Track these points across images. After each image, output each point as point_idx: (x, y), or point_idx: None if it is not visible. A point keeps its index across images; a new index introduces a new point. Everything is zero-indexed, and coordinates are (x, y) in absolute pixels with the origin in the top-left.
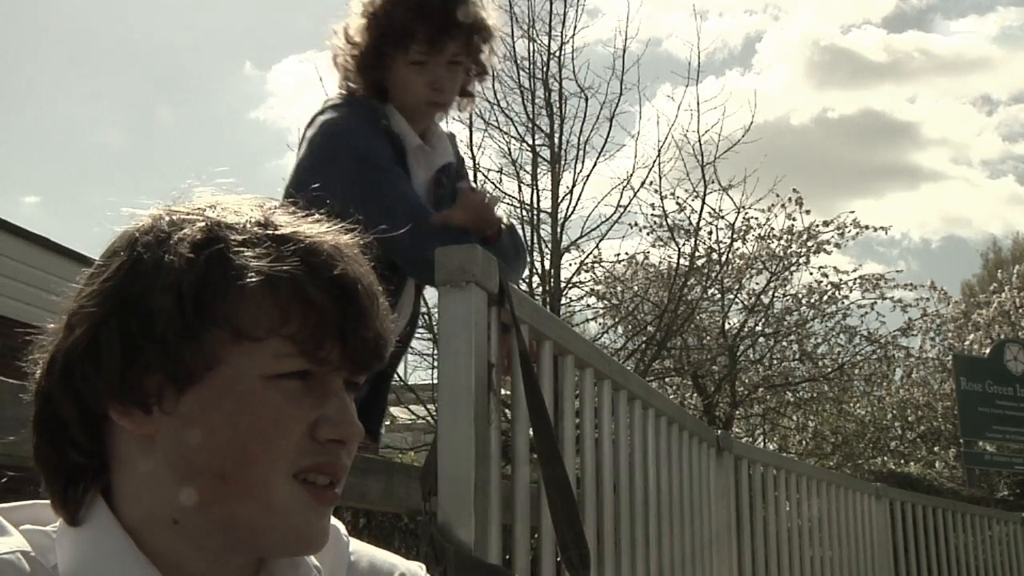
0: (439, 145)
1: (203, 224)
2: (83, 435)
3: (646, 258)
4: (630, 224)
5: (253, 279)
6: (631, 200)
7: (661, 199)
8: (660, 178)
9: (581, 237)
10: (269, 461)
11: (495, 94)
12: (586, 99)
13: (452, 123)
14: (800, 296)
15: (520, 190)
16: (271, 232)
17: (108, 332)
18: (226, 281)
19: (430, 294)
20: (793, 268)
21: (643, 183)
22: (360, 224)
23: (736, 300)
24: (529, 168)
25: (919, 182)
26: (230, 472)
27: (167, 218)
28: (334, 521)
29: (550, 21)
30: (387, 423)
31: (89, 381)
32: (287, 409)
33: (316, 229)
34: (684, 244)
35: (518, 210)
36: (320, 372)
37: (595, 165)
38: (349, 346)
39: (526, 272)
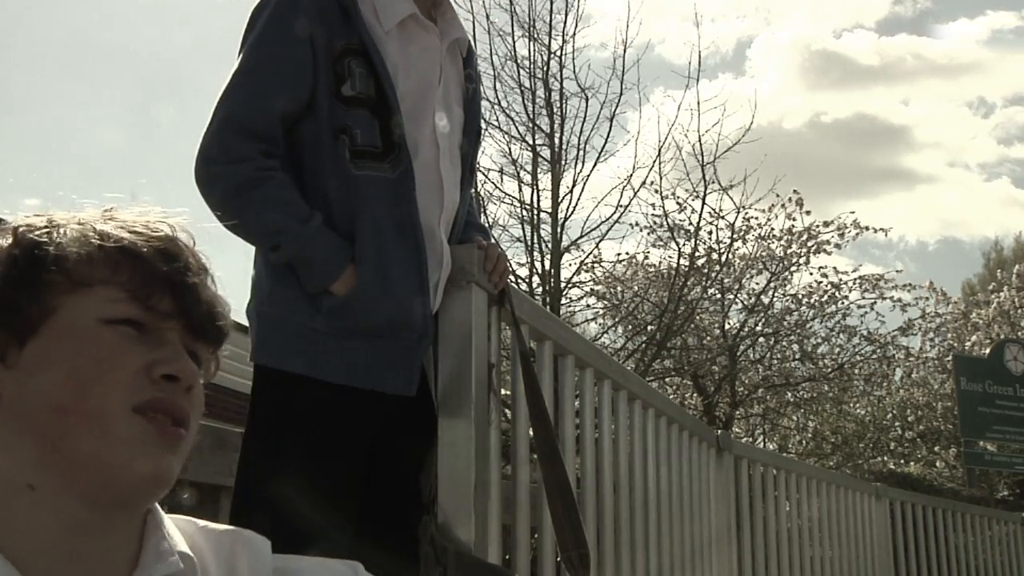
0: (452, 20)
1: (44, 216)
2: None
3: (646, 258)
4: (630, 224)
5: (83, 234)
6: (631, 200)
7: (661, 199)
8: (660, 178)
9: (581, 237)
10: (105, 389)
11: (496, 93)
12: (586, 99)
13: None
14: (800, 296)
15: (520, 190)
16: (107, 215)
17: None
18: (57, 240)
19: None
20: (793, 268)
21: (643, 183)
22: None
23: (736, 300)
24: (529, 168)
25: (914, 184)
26: (68, 404)
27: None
28: (258, 537)
29: (550, 21)
30: None
31: None
32: (122, 345)
33: (152, 216)
34: (684, 244)
35: (518, 210)
36: (153, 324)
37: (595, 165)
38: (180, 300)
39: (525, 272)
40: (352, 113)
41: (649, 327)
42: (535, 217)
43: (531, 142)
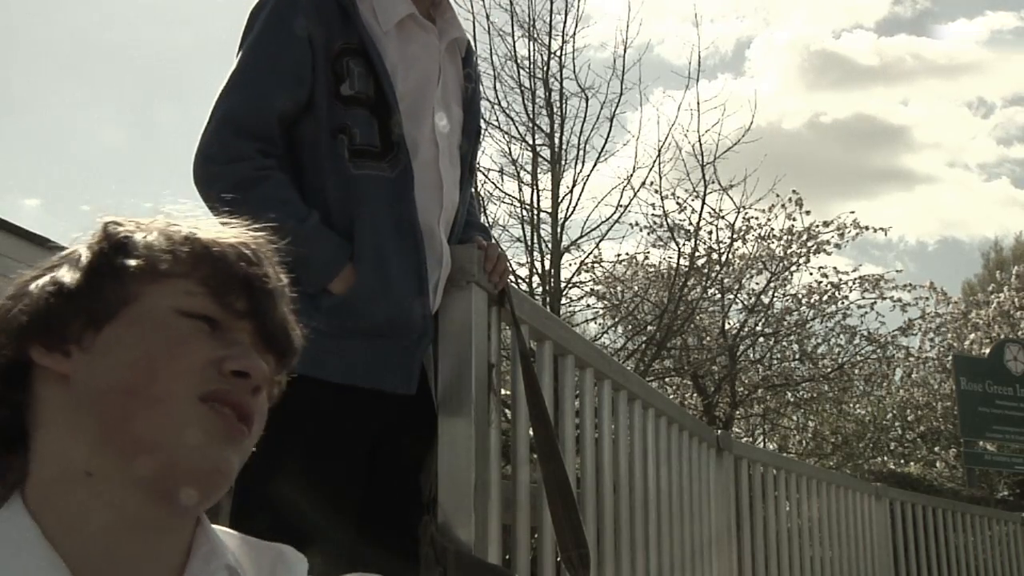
0: (451, 20)
1: (131, 221)
2: (5, 384)
3: (646, 258)
4: (630, 224)
5: (171, 231)
6: (631, 200)
7: (661, 199)
8: (660, 178)
9: (581, 237)
10: (173, 377)
11: (496, 93)
12: (586, 99)
13: None
14: (800, 296)
15: (520, 190)
16: (193, 224)
17: (38, 282)
18: (145, 234)
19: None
20: (793, 268)
21: (643, 183)
22: None
23: (736, 300)
24: (529, 168)
25: (914, 185)
26: (135, 386)
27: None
28: (298, 556)
29: (550, 21)
30: None
31: (16, 324)
32: (195, 336)
33: (238, 228)
34: (684, 244)
35: (518, 210)
36: (227, 323)
37: (595, 165)
38: (256, 303)
39: (525, 272)
40: (351, 113)
41: (649, 327)
42: (535, 217)
43: (531, 142)
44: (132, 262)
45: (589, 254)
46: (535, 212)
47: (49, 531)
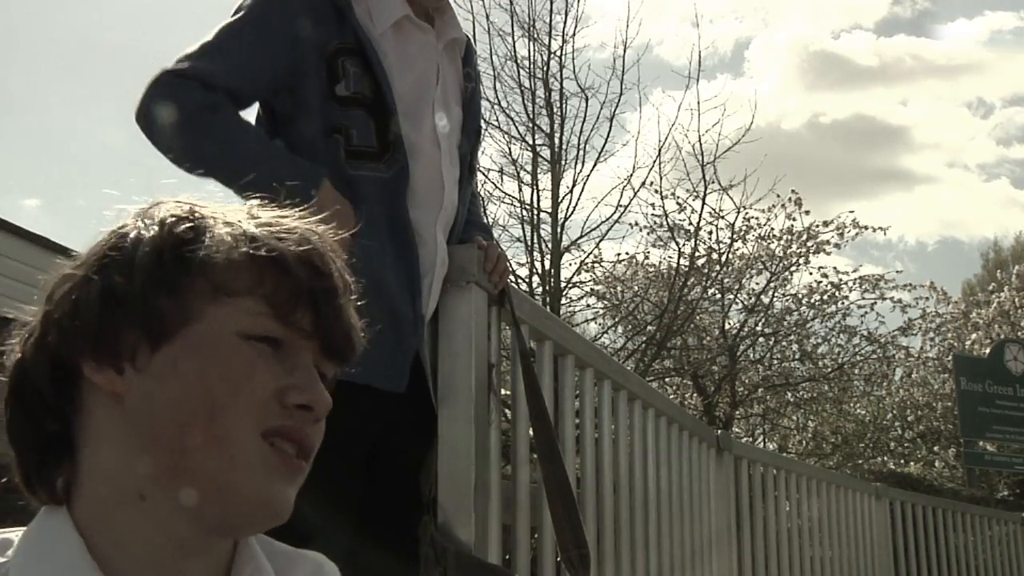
0: (450, 20)
1: (186, 206)
2: (55, 395)
3: (646, 258)
4: (630, 224)
5: (232, 238)
6: (631, 200)
7: (661, 199)
8: (660, 178)
9: (581, 237)
10: (237, 412)
11: (496, 93)
12: (586, 99)
13: None
14: (800, 296)
15: (520, 190)
16: (251, 214)
17: (88, 288)
18: (206, 242)
19: None
20: (793, 268)
21: (643, 183)
22: None
23: (736, 300)
24: (529, 168)
25: (913, 185)
26: (197, 422)
27: (154, 204)
28: (333, 567)
29: (550, 21)
30: None
31: (66, 335)
32: (259, 364)
33: (298, 220)
34: (684, 244)
35: (518, 210)
36: (291, 342)
37: (595, 165)
38: (321, 318)
39: (525, 272)
40: (348, 113)
41: (649, 327)
42: (535, 217)
43: (531, 142)
44: (191, 280)
45: (589, 254)
46: (535, 212)
47: (96, 548)
